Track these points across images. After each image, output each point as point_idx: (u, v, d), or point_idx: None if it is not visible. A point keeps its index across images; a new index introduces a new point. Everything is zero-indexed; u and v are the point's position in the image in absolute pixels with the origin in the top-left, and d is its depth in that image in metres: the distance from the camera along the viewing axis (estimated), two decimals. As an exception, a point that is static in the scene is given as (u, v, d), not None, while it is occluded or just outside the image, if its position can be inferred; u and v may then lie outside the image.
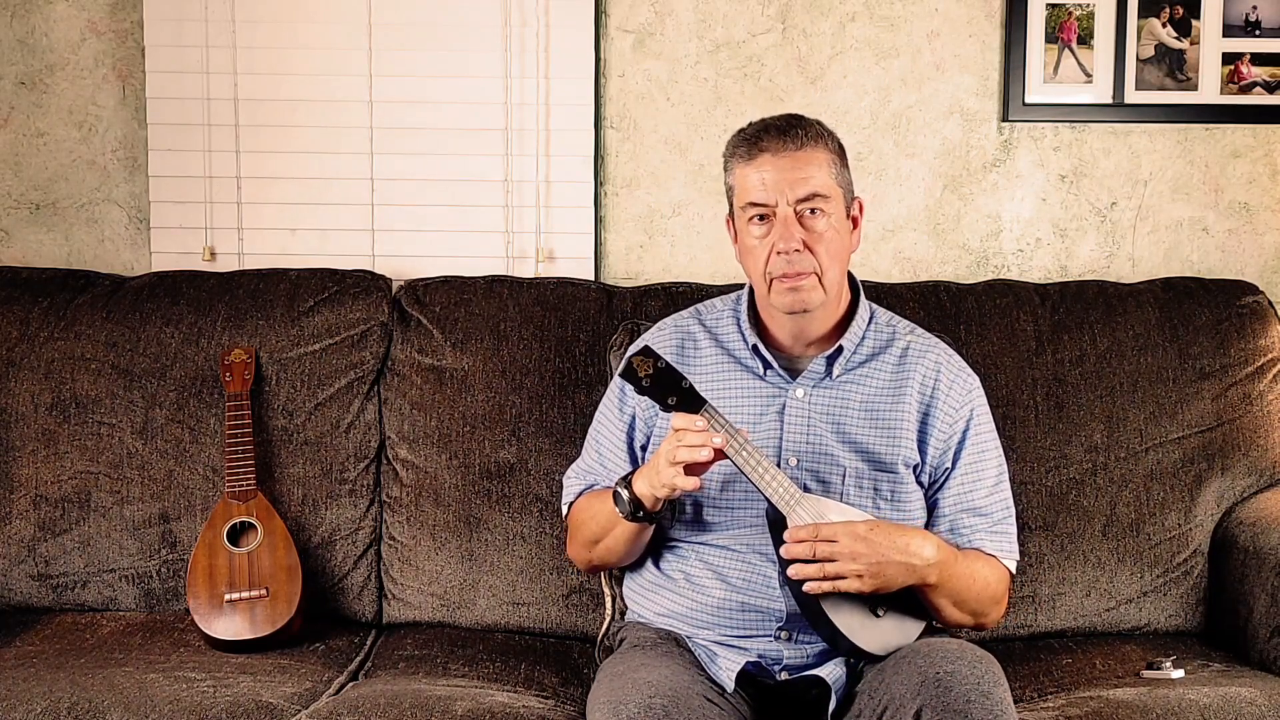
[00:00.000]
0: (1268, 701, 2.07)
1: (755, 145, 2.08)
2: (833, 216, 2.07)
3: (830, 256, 2.07)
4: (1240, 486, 2.58)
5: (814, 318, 2.13)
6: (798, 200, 2.05)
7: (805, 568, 1.94)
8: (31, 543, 2.57)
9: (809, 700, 2.03)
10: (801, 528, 1.95)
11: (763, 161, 2.06)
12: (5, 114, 2.92)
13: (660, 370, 2.00)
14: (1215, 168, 2.91)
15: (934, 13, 2.89)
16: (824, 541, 1.93)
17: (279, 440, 2.60)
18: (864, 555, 1.93)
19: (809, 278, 2.06)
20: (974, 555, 2.11)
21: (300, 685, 2.21)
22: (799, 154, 2.05)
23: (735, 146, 2.11)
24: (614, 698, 1.88)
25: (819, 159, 2.07)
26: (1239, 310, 2.66)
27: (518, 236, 2.92)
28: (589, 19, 2.87)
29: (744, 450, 1.98)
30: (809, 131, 2.08)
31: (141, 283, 2.73)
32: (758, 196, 2.06)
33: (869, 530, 1.95)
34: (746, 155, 2.08)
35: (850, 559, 1.93)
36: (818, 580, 1.93)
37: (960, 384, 2.18)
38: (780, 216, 2.05)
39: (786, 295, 2.07)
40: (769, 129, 2.09)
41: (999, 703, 1.82)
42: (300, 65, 2.88)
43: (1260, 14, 2.87)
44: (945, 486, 2.15)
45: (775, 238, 2.05)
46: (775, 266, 2.06)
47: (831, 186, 2.07)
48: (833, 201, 2.07)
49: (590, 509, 2.21)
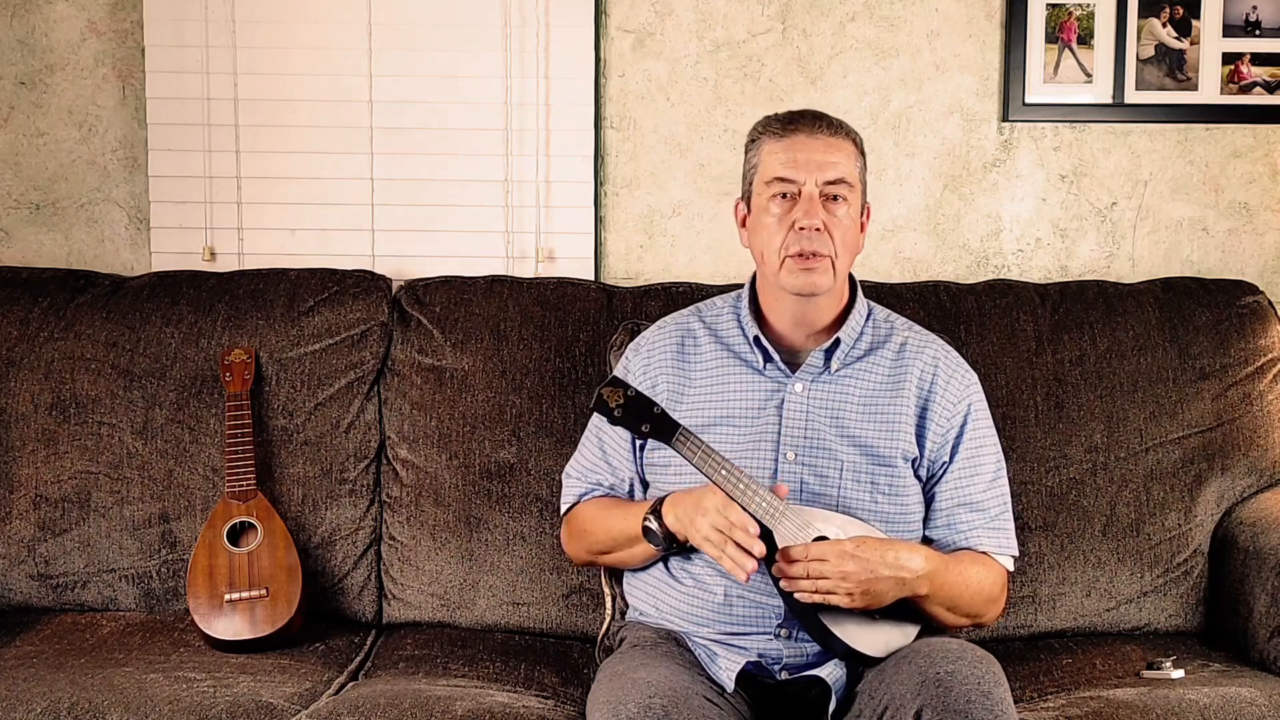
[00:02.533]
0: (1268, 701, 2.07)
1: (790, 124, 2.13)
2: (852, 208, 2.13)
3: (844, 245, 2.12)
4: (1240, 486, 2.58)
5: (817, 304, 2.15)
6: (825, 182, 2.10)
7: (798, 581, 1.96)
8: (31, 543, 2.57)
9: (809, 700, 2.03)
10: (794, 548, 1.96)
11: (796, 141, 2.11)
12: (5, 114, 2.92)
13: (631, 399, 2.02)
14: (1215, 168, 2.91)
15: (934, 13, 2.89)
16: (815, 561, 1.95)
17: (279, 440, 2.60)
18: (853, 574, 1.95)
19: (823, 260, 2.10)
20: (966, 559, 2.12)
21: (300, 685, 2.21)
22: (832, 140, 2.11)
23: (767, 125, 2.16)
24: (614, 698, 1.88)
25: (848, 150, 2.13)
26: (1239, 310, 2.66)
27: (518, 236, 2.92)
28: (589, 19, 2.87)
29: (723, 469, 1.99)
30: (842, 125, 2.15)
31: (141, 283, 2.73)
32: (786, 172, 2.11)
33: (856, 548, 1.96)
34: (780, 132, 2.13)
35: (840, 578, 1.94)
36: (809, 593, 1.96)
37: (958, 379, 2.20)
38: (805, 194, 2.09)
39: (799, 275, 2.10)
40: (805, 113, 2.15)
41: (999, 703, 1.82)
42: (300, 65, 2.88)
43: (1260, 14, 2.87)
44: (942, 480, 2.16)
45: (798, 214, 2.09)
46: (792, 243, 2.10)
47: (856, 179, 2.13)
48: (855, 193, 2.13)
49: (603, 523, 2.21)
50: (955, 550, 2.15)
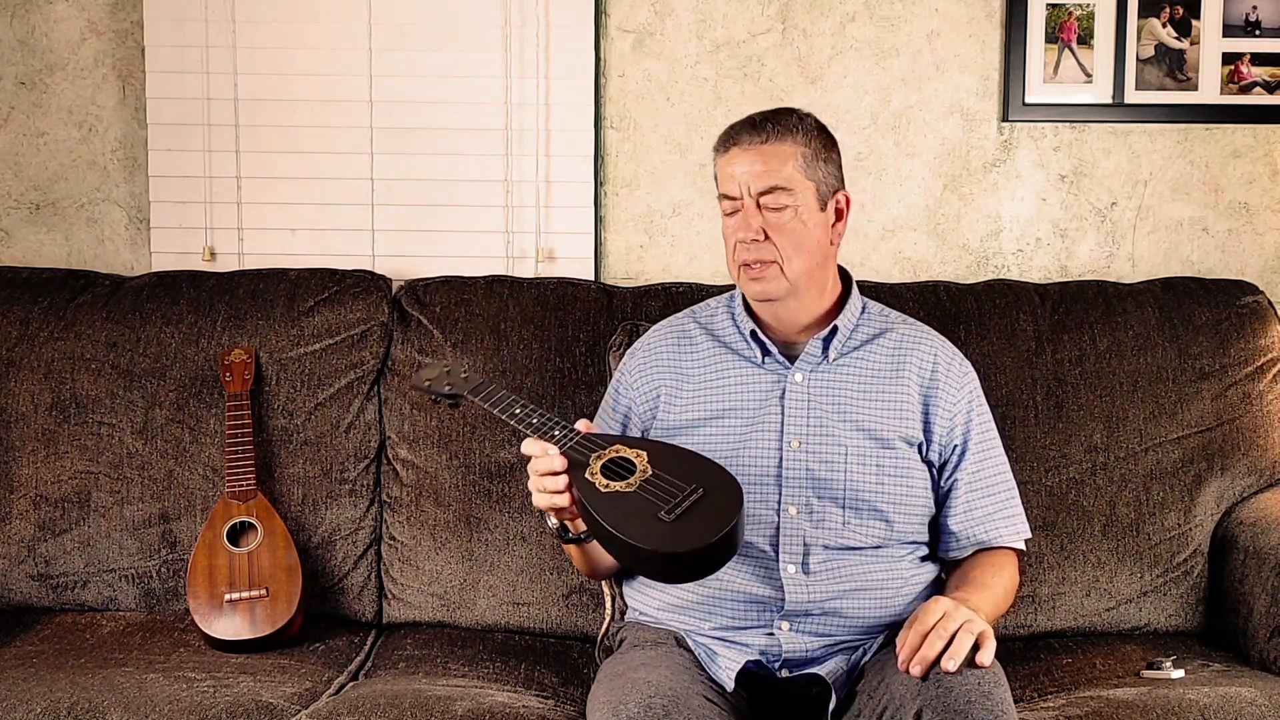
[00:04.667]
0: (1268, 701, 2.07)
1: (728, 140, 2.16)
2: (800, 209, 2.12)
3: (793, 247, 2.12)
4: (1240, 486, 2.58)
5: (788, 307, 2.17)
6: (759, 193, 2.11)
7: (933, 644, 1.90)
8: (31, 543, 2.57)
9: (809, 699, 2.04)
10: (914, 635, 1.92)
11: (733, 155, 2.14)
12: (5, 114, 2.92)
13: (433, 395, 2.17)
14: (1215, 168, 2.91)
15: (934, 13, 2.89)
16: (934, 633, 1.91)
17: (279, 440, 2.60)
18: (951, 620, 1.91)
19: (770, 267, 2.12)
20: (988, 573, 2.13)
21: (300, 685, 2.21)
22: (764, 147, 2.12)
23: (716, 141, 2.20)
24: (614, 698, 1.89)
25: (785, 153, 2.12)
26: (1239, 310, 2.67)
27: (518, 236, 2.92)
28: (589, 19, 2.87)
29: (512, 409, 2.07)
30: (779, 125, 2.14)
31: (141, 283, 2.73)
32: (726, 188, 2.15)
33: (944, 609, 1.93)
34: (721, 149, 2.17)
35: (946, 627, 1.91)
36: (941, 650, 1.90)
37: (957, 367, 2.23)
38: (745, 207, 2.12)
39: (750, 284, 2.15)
40: (745, 123, 2.16)
41: (1000, 703, 1.82)
42: (300, 65, 2.88)
43: (1260, 14, 2.87)
44: (959, 468, 2.18)
45: (738, 226, 2.12)
46: (739, 254, 2.14)
47: (798, 179, 2.12)
48: (797, 194, 2.11)
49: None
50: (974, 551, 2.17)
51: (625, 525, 1.85)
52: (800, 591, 2.07)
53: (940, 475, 2.18)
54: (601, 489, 1.90)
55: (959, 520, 2.17)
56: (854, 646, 2.08)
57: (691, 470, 1.93)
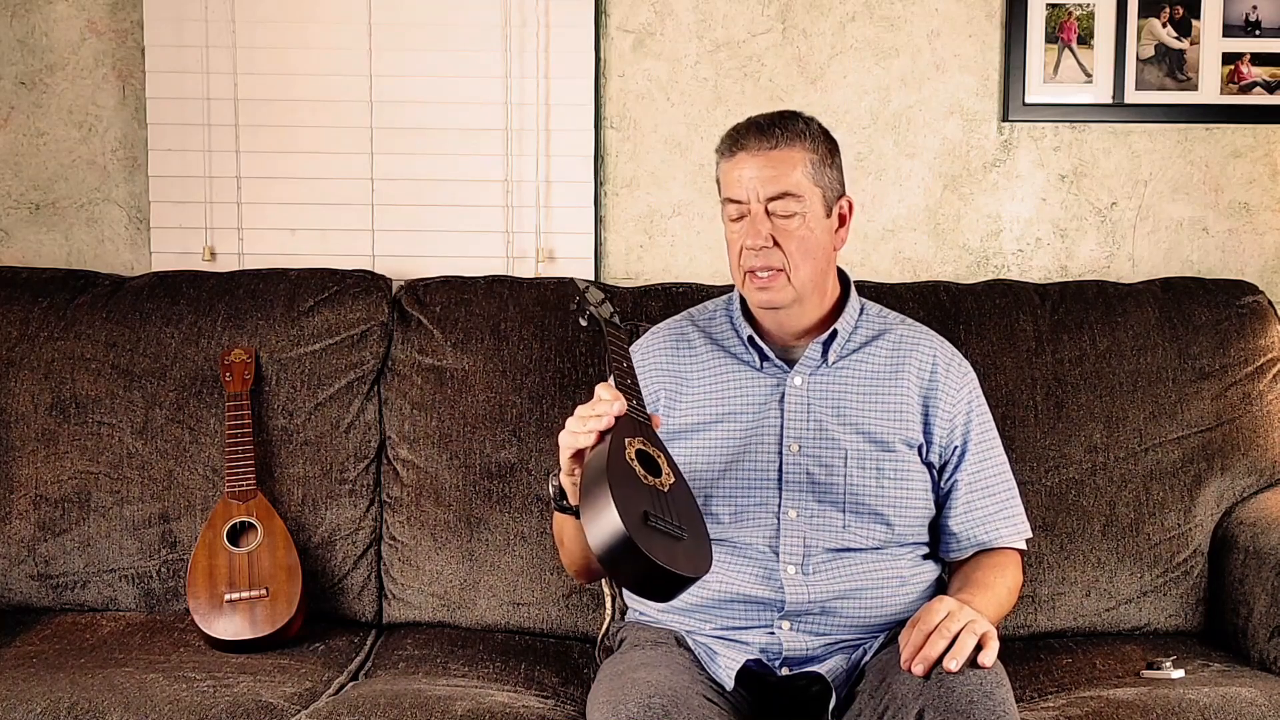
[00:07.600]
0: (1268, 701, 2.07)
1: (735, 143, 2.13)
2: (808, 215, 2.10)
3: (801, 254, 2.10)
4: (1240, 486, 2.58)
5: (790, 314, 2.16)
6: (768, 198, 2.09)
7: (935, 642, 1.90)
8: (31, 543, 2.57)
9: (809, 698, 2.04)
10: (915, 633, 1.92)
11: (740, 159, 2.11)
12: (5, 114, 2.92)
13: (589, 308, 2.23)
14: (1215, 168, 2.91)
15: (934, 13, 2.89)
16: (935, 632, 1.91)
17: (279, 440, 2.60)
18: (955, 620, 1.91)
19: (778, 276, 2.10)
20: (991, 574, 2.13)
21: (300, 685, 2.21)
22: (774, 153, 2.09)
23: (720, 143, 2.17)
24: (614, 698, 1.88)
25: (794, 158, 2.10)
26: (1239, 310, 2.67)
27: (518, 236, 2.92)
28: (589, 19, 2.87)
29: (620, 366, 2.06)
30: (788, 130, 2.12)
31: (141, 283, 2.73)
32: (734, 193, 2.12)
33: (948, 609, 1.93)
34: (727, 152, 2.14)
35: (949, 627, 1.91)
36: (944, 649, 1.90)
37: (956, 367, 2.22)
38: (753, 213, 2.10)
39: (757, 293, 2.13)
40: (751, 127, 2.13)
41: (1001, 703, 1.82)
42: (300, 65, 2.88)
43: (1260, 14, 2.87)
44: (960, 469, 2.18)
45: (746, 233, 2.10)
46: (746, 260, 2.12)
47: (806, 186, 2.10)
48: (806, 201, 2.10)
49: (560, 521, 2.21)
50: (974, 551, 2.17)
51: (619, 494, 1.83)
52: (800, 592, 2.07)
53: (940, 476, 2.18)
54: (626, 460, 1.90)
55: (960, 521, 2.17)
56: (854, 645, 2.08)
57: (690, 518, 1.92)
